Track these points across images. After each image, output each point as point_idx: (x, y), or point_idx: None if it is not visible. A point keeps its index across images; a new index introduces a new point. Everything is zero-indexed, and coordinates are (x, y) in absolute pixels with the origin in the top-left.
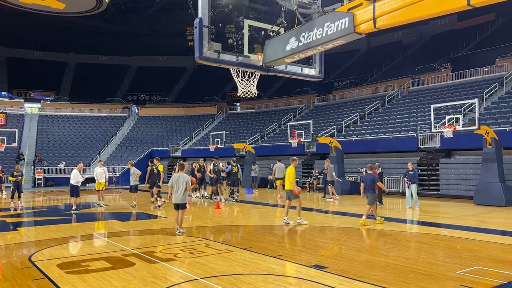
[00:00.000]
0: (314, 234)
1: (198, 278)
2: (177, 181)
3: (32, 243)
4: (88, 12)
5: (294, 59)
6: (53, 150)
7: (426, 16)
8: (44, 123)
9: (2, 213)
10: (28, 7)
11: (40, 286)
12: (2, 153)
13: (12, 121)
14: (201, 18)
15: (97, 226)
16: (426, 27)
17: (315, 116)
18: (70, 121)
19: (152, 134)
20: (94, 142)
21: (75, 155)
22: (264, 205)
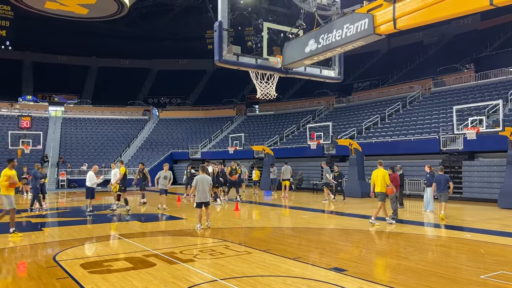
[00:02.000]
0: (334, 237)
1: (217, 279)
2: (202, 182)
3: (56, 243)
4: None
5: (313, 61)
6: (76, 152)
7: (447, 16)
8: (67, 126)
9: (27, 213)
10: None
11: (64, 285)
12: (28, 155)
13: (37, 124)
14: (220, 21)
15: (118, 227)
16: (448, 27)
17: (335, 118)
18: (92, 124)
19: (172, 136)
20: (116, 144)
21: (97, 157)
22: (283, 207)
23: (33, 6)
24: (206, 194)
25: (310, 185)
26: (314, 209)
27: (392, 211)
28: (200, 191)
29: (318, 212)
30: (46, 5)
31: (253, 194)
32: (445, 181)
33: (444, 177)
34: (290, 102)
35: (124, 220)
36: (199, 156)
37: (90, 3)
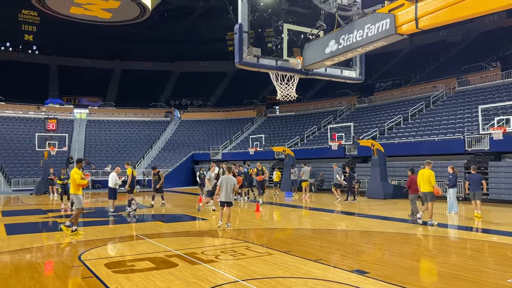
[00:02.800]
0: (355, 239)
1: (239, 280)
2: (225, 182)
3: (81, 243)
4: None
5: (334, 61)
6: (100, 154)
7: (471, 15)
8: (92, 128)
9: (53, 214)
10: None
11: (89, 284)
12: (54, 157)
13: (62, 126)
14: (241, 23)
15: (140, 228)
16: (472, 25)
17: (356, 118)
18: (116, 126)
19: (193, 137)
20: (138, 145)
21: (121, 159)
22: (304, 208)
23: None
24: (229, 194)
25: (331, 186)
26: (335, 211)
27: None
28: (223, 191)
29: (339, 214)
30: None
31: (274, 195)
32: (478, 180)
33: (477, 176)
34: (311, 103)
35: (146, 220)
36: (220, 157)
37: (113, 7)
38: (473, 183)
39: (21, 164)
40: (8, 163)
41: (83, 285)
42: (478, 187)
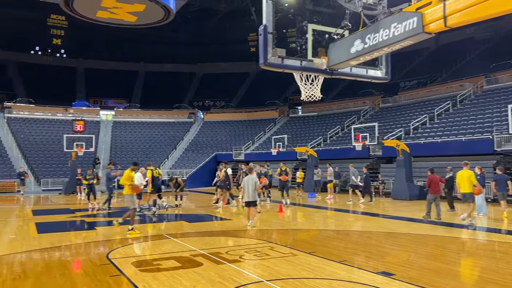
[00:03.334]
0: (380, 240)
1: (263, 280)
2: (247, 183)
3: (109, 241)
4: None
5: (360, 61)
6: (125, 155)
7: (502, 12)
8: (117, 129)
9: (81, 213)
10: (104, 21)
11: (117, 283)
12: (81, 158)
13: (89, 127)
14: (265, 25)
15: (166, 227)
16: (501, 22)
17: (381, 118)
18: (141, 127)
19: (216, 138)
20: (163, 146)
21: (146, 159)
22: (328, 209)
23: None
24: (251, 194)
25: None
26: (360, 212)
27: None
28: (246, 191)
29: (364, 215)
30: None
31: (297, 196)
32: (505, 181)
33: (504, 177)
34: (334, 103)
35: (171, 220)
36: (242, 157)
37: (138, 10)
38: (499, 183)
39: (50, 164)
40: (38, 164)
41: (111, 283)
42: (504, 187)
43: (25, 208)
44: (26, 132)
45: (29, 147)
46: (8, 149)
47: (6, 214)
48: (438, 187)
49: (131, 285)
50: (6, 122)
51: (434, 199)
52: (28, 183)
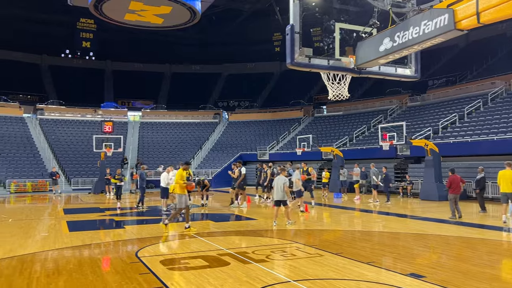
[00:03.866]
0: (409, 242)
1: (290, 280)
2: (277, 182)
3: (137, 240)
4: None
5: (389, 59)
6: (152, 155)
7: None
8: (144, 129)
9: (110, 212)
10: (132, 24)
11: (147, 280)
12: (109, 158)
13: (117, 128)
14: (292, 24)
15: (193, 226)
16: None
17: (408, 117)
18: (167, 128)
19: (241, 138)
20: (189, 146)
21: (172, 159)
22: (354, 210)
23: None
24: (280, 193)
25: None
26: (387, 213)
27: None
28: (275, 191)
29: (392, 216)
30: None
31: (322, 196)
32: None
33: None
34: (360, 102)
35: (197, 219)
36: (267, 157)
37: (165, 13)
38: None
39: (80, 164)
40: (68, 164)
41: (141, 281)
42: None
43: (57, 207)
44: (57, 133)
45: (60, 147)
46: (41, 150)
47: (39, 213)
48: (459, 187)
49: (160, 283)
50: (39, 124)
51: (455, 199)
52: (59, 182)
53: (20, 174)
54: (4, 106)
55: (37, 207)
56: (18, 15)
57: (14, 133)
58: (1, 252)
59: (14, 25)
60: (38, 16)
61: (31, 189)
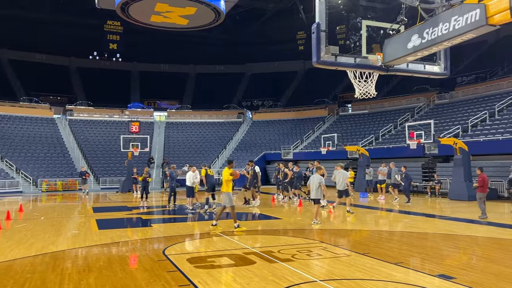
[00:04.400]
0: (438, 242)
1: (317, 280)
2: (312, 181)
3: (164, 238)
4: (208, 26)
5: (417, 56)
6: (178, 154)
7: None
8: (170, 129)
9: (137, 211)
10: (157, 25)
11: (174, 278)
12: (136, 157)
13: (144, 128)
14: (318, 23)
15: (218, 225)
16: None
17: (436, 115)
18: (192, 127)
19: (265, 137)
20: (213, 146)
21: (197, 158)
22: (380, 210)
23: (140, 20)
24: (314, 192)
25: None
26: (415, 212)
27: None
28: (311, 189)
29: (420, 216)
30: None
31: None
32: None
33: None
34: (386, 100)
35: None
36: (291, 157)
37: (190, 14)
38: None
39: (107, 164)
40: (96, 163)
41: (169, 278)
42: None
43: (86, 205)
44: (86, 133)
45: (88, 147)
46: (70, 150)
47: (69, 211)
48: (487, 186)
49: (187, 281)
50: (68, 124)
51: (484, 198)
52: (88, 181)
53: (51, 173)
54: (35, 108)
55: (67, 205)
56: (48, 19)
57: (45, 134)
58: (34, 249)
59: (44, 28)
60: (67, 19)
61: (62, 188)
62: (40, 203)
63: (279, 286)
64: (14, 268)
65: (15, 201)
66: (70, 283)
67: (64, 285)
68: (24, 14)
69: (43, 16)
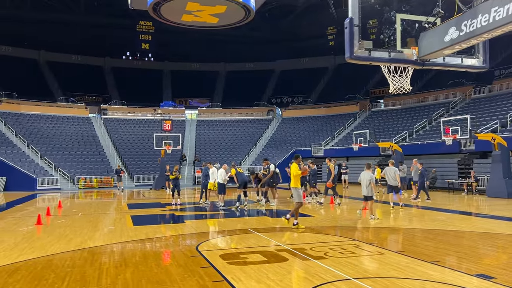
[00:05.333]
0: (476, 241)
1: (350, 278)
2: (363, 178)
3: (197, 234)
4: (238, 24)
5: (454, 50)
6: (209, 152)
7: None
8: (201, 127)
9: (170, 207)
10: (188, 24)
11: (208, 274)
12: (169, 155)
13: (176, 126)
14: (351, 17)
15: (249, 222)
16: None
17: (472, 110)
18: (222, 125)
19: (295, 134)
20: (243, 143)
21: (228, 156)
22: (414, 207)
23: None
24: (365, 189)
25: (445, 184)
26: (451, 210)
27: None
28: (362, 187)
29: (456, 214)
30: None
31: (378, 193)
32: None
33: None
34: (420, 95)
35: (253, 215)
36: (321, 153)
37: (220, 12)
38: None
39: (141, 161)
40: (130, 161)
41: (202, 274)
42: None
43: (121, 202)
44: (120, 131)
45: (123, 145)
46: (105, 148)
47: (105, 207)
48: None
49: (220, 276)
50: (103, 123)
51: None
52: (123, 178)
53: (87, 171)
54: (72, 107)
55: (103, 202)
56: (83, 20)
57: (81, 133)
58: (73, 244)
59: (80, 30)
60: (101, 20)
61: (97, 185)
62: (78, 200)
63: (312, 284)
64: (55, 262)
65: (54, 198)
66: (107, 277)
67: (102, 279)
68: (60, 16)
69: (78, 18)
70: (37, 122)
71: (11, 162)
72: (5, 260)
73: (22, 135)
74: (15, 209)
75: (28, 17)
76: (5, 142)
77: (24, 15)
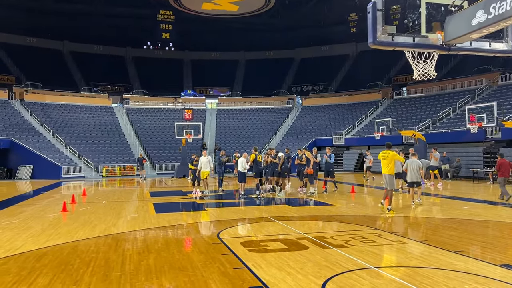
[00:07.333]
0: (502, 231)
1: (371, 267)
2: (411, 164)
3: (218, 222)
4: (258, 11)
5: (482, 33)
6: (229, 140)
7: None
8: (221, 116)
9: (192, 195)
10: (208, 13)
11: (229, 261)
12: (190, 144)
13: (196, 115)
14: (374, 2)
15: (269, 210)
16: None
17: (499, 97)
18: (242, 114)
19: (315, 123)
20: (263, 132)
21: (248, 145)
22: (437, 196)
23: (192, 9)
24: (414, 175)
25: (470, 173)
26: (476, 200)
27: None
28: (409, 173)
29: (481, 203)
30: (203, 6)
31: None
32: None
33: None
34: (444, 82)
35: (272, 203)
36: (342, 142)
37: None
38: None
39: (163, 150)
40: (152, 150)
41: (223, 261)
42: None
43: (144, 189)
44: (142, 121)
45: (145, 134)
46: (128, 137)
47: (128, 195)
48: (508, 170)
49: (241, 263)
50: (125, 112)
51: (504, 180)
52: (145, 167)
53: (110, 159)
54: (95, 97)
55: (126, 190)
56: (104, 11)
57: (104, 122)
58: (97, 230)
59: (101, 20)
60: (122, 10)
61: (120, 173)
62: (101, 188)
63: (333, 272)
64: (80, 248)
65: (78, 186)
66: (131, 263)
67: (125, 265)
68: (82, 7)
69: (99, 8)
70: (62, 111)
71: (37, 151)
72: (33, 246)
73: (47, 125)
74: (42, 197)
75: (52, 9)
76: (31, 132)
77: (47, 7)
